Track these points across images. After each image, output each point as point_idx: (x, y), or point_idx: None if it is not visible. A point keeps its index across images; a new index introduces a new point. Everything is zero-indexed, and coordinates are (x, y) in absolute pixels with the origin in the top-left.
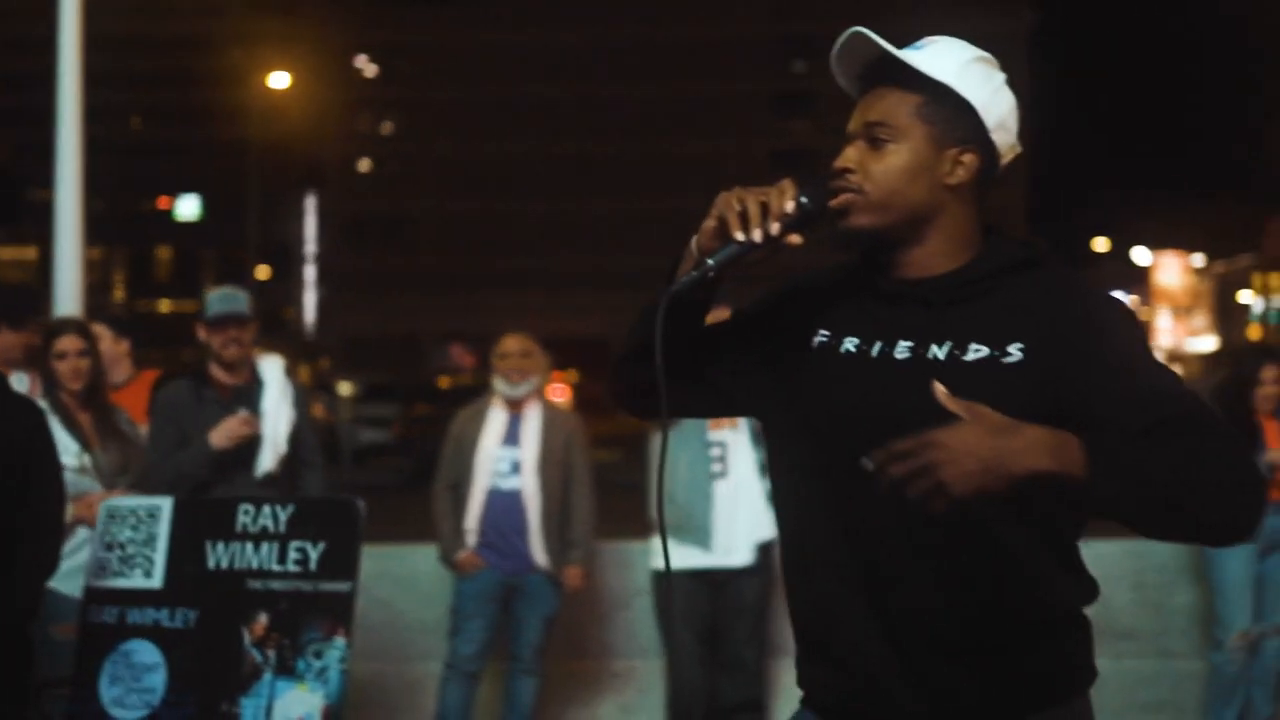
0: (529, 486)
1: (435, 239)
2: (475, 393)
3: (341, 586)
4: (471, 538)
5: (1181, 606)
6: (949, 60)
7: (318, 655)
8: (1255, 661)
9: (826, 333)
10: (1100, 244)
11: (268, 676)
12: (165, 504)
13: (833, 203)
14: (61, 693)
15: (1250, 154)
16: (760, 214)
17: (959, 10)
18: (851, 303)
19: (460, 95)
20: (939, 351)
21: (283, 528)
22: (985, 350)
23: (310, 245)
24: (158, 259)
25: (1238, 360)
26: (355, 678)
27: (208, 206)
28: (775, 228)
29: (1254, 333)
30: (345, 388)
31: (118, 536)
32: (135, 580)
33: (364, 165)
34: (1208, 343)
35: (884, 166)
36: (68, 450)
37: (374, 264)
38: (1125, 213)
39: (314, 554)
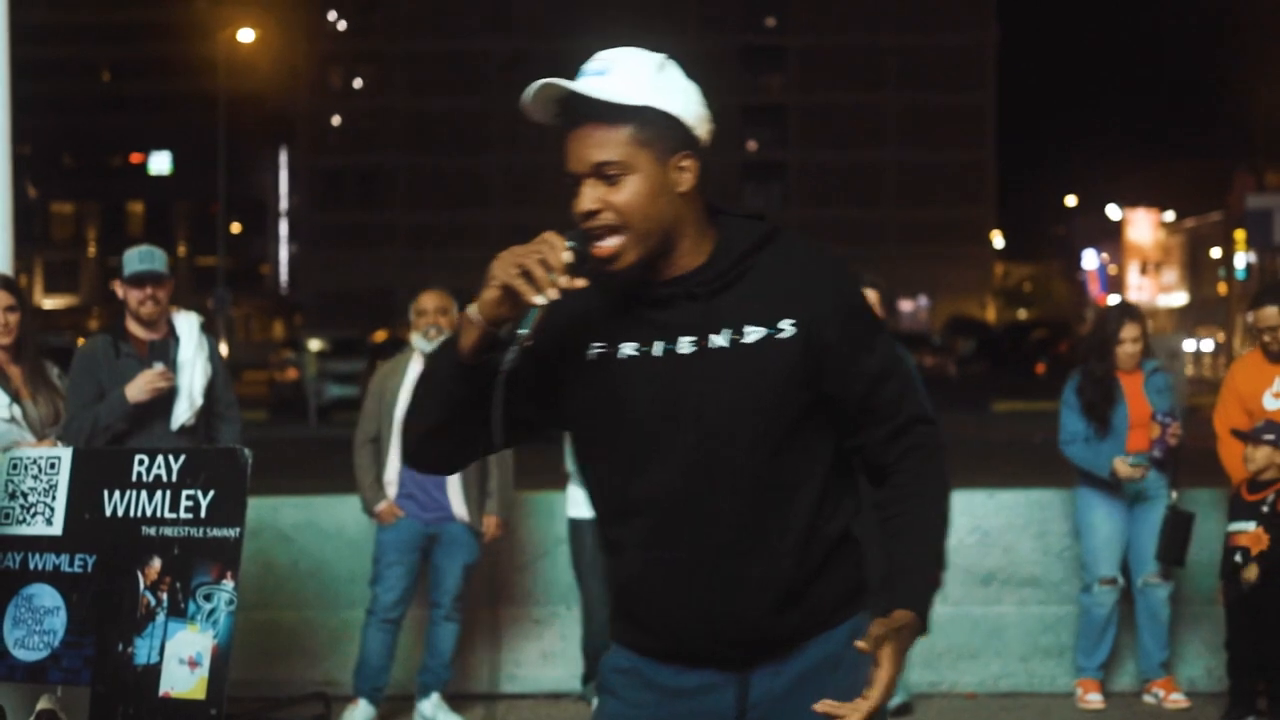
0: None
1: (408, 193)
2: None
3: (229, 533)
4: (392, 489)
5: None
6: (641, 81)
7: (207, 598)
8: (1141, 609)
9: (601, 344)
10: (1070, 201)
11: (160, 618)
12: (65, 454)
13: (599, 252)
14: None
15: (1221, 111)
16: (545, 274)
17: None
18: (619, 313)
19: (431, 49)
20: (720, 340)
21: (175, 476)
22: (762, 331)
23: (283, 200)
24: (130, 213)
25: (1102, 320)
26: (284, 625)
27: (179, 161)
28: (563, 281)
29: (1221, 289)
30: (315, 343)
31: (21, 486)
32: (37, 527)
33: (336, 120)
34: (1179, 298)
35: (626, 200)
36: None
37: (347, 219)
38: (1096, 170)
39: (204, 501)
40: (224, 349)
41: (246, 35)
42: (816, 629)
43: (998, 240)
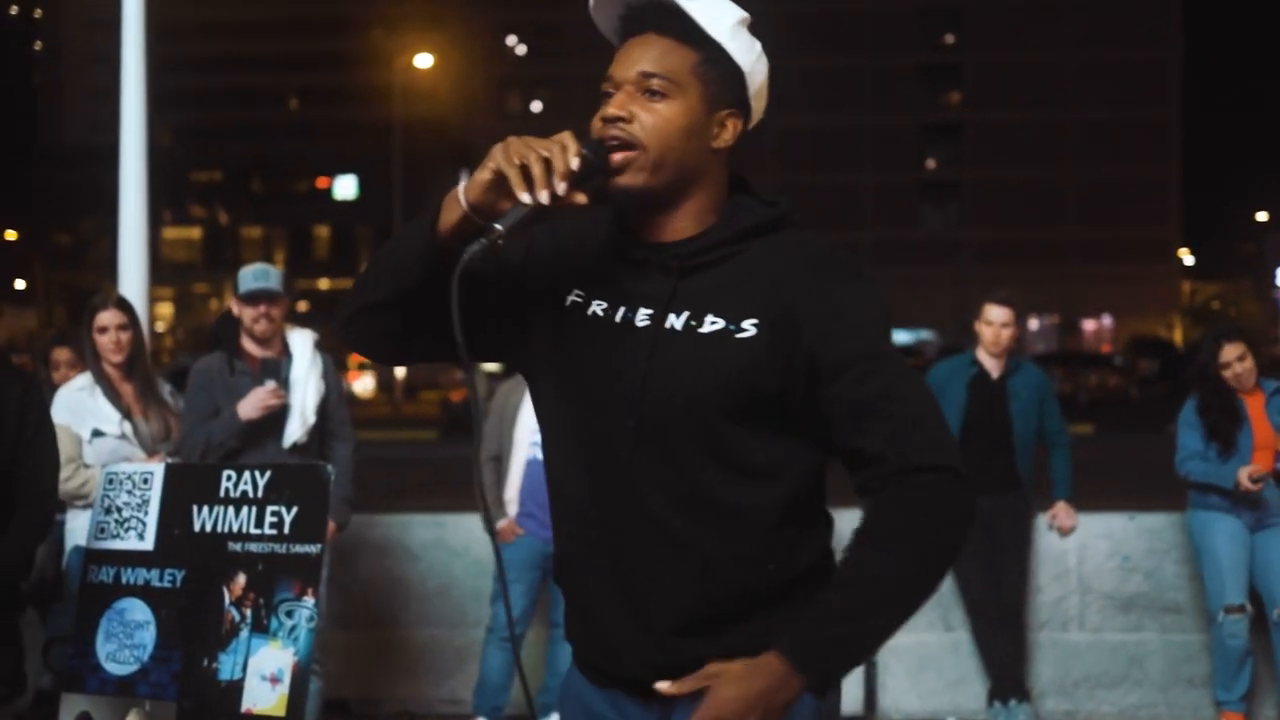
0: None
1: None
2: None
3: (311, 549)
4: (512, 507)
5: None
6: (724, 19)
7: (289, 615)
8: (1278, 641)
9: (580, 293)
10: (1261, 216)
11: (244, 634)
12: (158, 469)
13: (613, 159)
14: (66, 648)
15: None
16: (545, 173)
17: None
18: (604, 264)
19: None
20: (676, 322)
21: (260, 492)
22: (721, 323)
23: None
24: (316, 237)
25: (1198, 346)
26: (412, 642)
27: (364, 185)
28: (562, 188)
29: None
30: (487, 364)
31: (115, 501)
32: (130, 542)
33: None
34: None
35: (661, 121)
36: (109, 419)
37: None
38: None
39: (288, 518)
40: (400, 371)
41: (424, 61)
42: None
43: (1186, 258)
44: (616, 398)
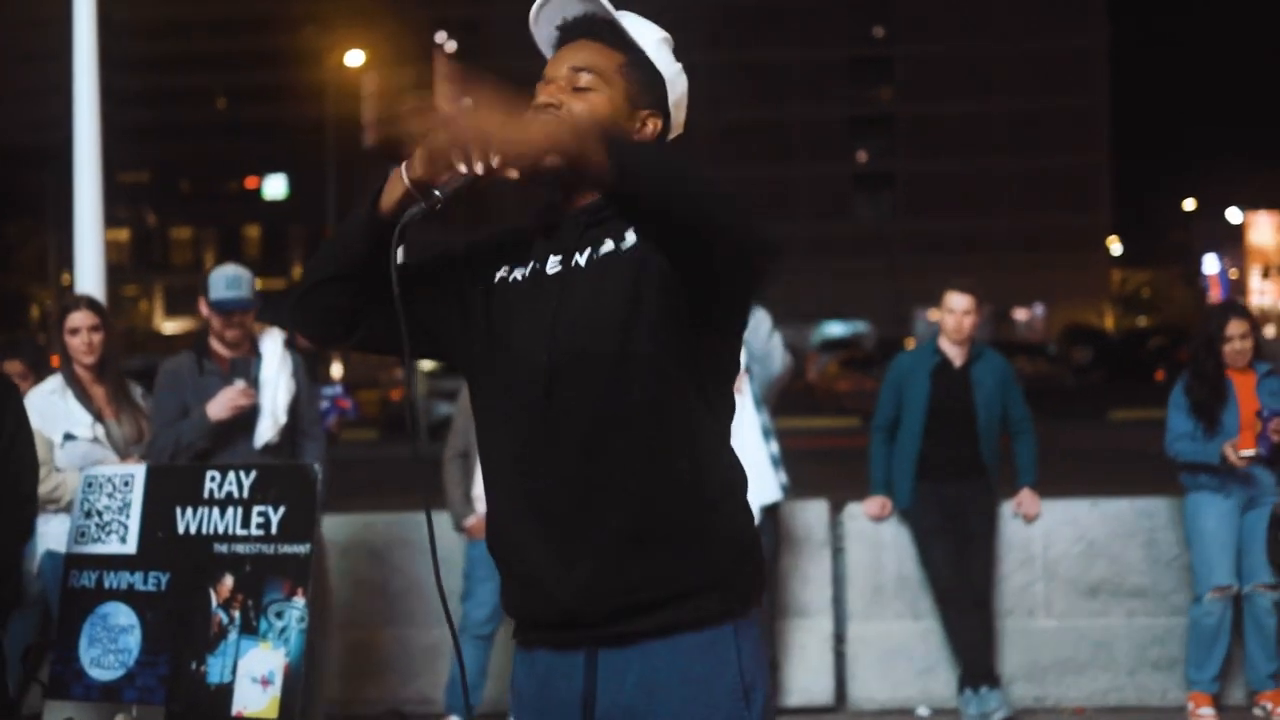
0: None
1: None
2: None
3: (300, 549)
4: (481, 504)
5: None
6: (649, 34)
7: (279, 615)
8: (1248, 618)
9: (507, 268)
10: (1189, 204)
11: (233, 636)
12: (139, 472)
13: None
14: (49, 654)
15: None
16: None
17: None
18: (528, 242)
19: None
20: (581, 259)
21: (246, 493)
22: (612, 244)
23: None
24: (246, 237)
25: (1206, 317)
26: (378, 643)
27: (295, 185)
28: (497, 160)
29: None
30: (426, 362)
31: (96, 504)
32: (111, 546)
33: None
34: None
35: (587, 109)
36: (81, 422)
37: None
38: (1215, 172)
39: (274, 518)
40: (338, 370)
41: (355, 58)
42: (663, 617)
43: (1115, 247)
44: (534, 340)
